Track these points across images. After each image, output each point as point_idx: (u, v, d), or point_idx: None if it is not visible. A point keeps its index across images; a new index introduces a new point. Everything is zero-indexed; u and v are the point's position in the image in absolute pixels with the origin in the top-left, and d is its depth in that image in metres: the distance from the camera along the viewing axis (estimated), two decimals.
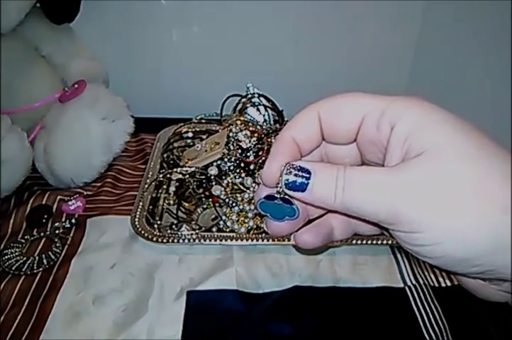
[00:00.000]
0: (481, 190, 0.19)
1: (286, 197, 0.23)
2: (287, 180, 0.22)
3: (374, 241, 0.48)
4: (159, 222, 0.52)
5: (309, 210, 0.26)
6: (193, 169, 0.52)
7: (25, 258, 0.47)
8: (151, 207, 0.54)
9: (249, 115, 0.60)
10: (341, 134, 0.24)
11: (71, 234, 0.51)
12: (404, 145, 0.21)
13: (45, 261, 0.47)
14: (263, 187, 0.24)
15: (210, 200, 0.54)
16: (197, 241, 0.48)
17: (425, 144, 0.20)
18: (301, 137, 0.24)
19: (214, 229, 0.50)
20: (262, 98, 0.60)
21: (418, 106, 0.21)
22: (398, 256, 0.50)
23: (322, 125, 0.24)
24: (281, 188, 0.22)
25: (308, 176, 0.22)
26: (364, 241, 0.48)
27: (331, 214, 0.26)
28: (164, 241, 0.48)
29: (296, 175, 0.22)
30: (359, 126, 0.23)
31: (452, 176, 0.19)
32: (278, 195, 0.23)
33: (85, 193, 0.57)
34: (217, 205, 0.52)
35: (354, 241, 0.48)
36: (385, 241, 0.48)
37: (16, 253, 0.48)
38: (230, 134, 0.54)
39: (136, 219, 0.50)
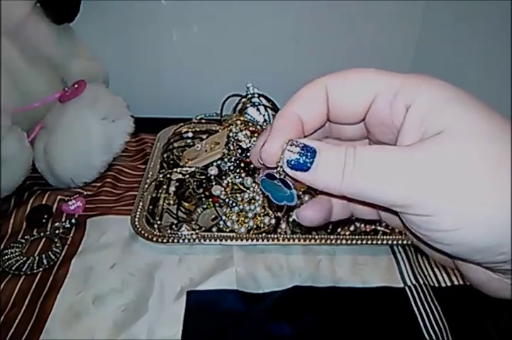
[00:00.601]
0: (502, 171, 0.18)
1: (286, 179, 0.21)
2: (289, 157, 0.20)
3: (374, 241, 0.48)
4: (159, 222, 0.52)
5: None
6: (193, 169, 0.52)
7: (25, 258, 0.47)
8: (151, 207, 0.54)
9: (249, 115, 0.60)
10: (349, 113, 0.22)
11: (71, 234, 0.51)
12: (421, 126, 0.19)
13: (45, 261, 0.47)
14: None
15: (210, 200, 0.54)
16: (197, 241, 0.48)
17: (443, 124, 0.19)
18: (306, 114, 0.22)
19: (214, 229, 0.50)
20: (262, 98, 0.60)
21: (431, 85, 0.20)
22: (398, 256, 0.50)
23: (329, 102, 0.22)
24: (281, 167, 0.21)
25: (313, 154, 0.20)
26: (364, 241, 0.48)
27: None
28: (164, 241, 0.48)
29: (299, 153, 0.20)
30: (370, 105, 0.21)
31: (471, 156, 0.18)
32: (278, 176, 0.21)
33: (85, 193, 0.57)
34: (217, 205, 0.52)
35: (354, 241, 0.48)
36: (385, 241, 0.48)
37: (16, 253, 0.48)
38: (230, 134, 0.54)
39: (136, 219, 0.50)
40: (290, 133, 0.21)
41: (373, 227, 0.51)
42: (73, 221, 0.52)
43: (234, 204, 0.50)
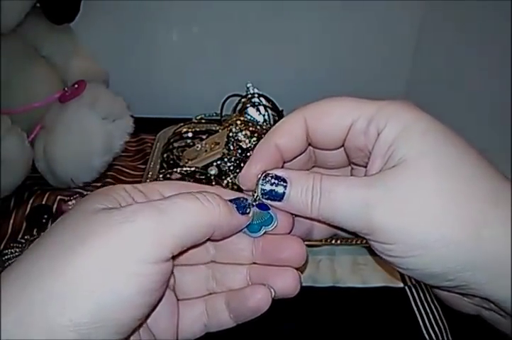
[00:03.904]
0: (454, 205, 0.19)
1: (263, 202, 0.23)
2: (264, 189, 0.22)
3: None
4: None
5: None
6: (193, 169, 0.52)
7: None
8: None
9: (249, 115, 0.60)
10: (328, 140, 0.23)
11: None
12: (386, 153, 0.21)
13: None
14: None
15: None
16: None
17: (405, 155, 0.20)
18: (285, 144, 0.23)
19: None
20: (262, 98, 0.60)
21: (405, 113, 0.21)
22: None
23: (308, 130, 0.23)
24: (257, 196, 0.22)
25: (285, 184, 0.22)
26: (364, 241, 0.48)
27: None
28: None
29: (272, 184, 0.22)
30: (347, 132, 0.22)
31: (425, 190, 0.19)
32: (254, 203, 0.23)
33: (85, 193, 0.57)
34: None
35: (354, 241, 0.48)
36: None
37: (16, 253, 0.48)
38: (230, 134, 0.54)
39: None
40: (266, 163, 0.23)
41: None
42: None
43: None
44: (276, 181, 0.22)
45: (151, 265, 0.18)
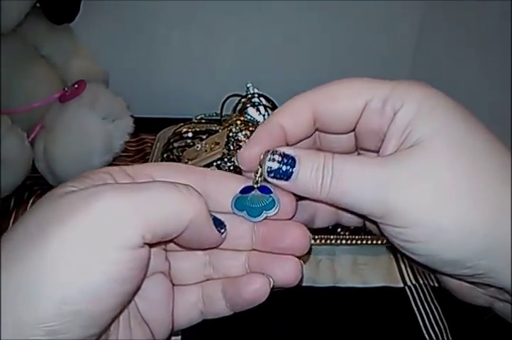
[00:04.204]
0: (473, 187, 0.18)
1: (265, 184, 0.21)
2: (270, 167, 0.20)
3: (374, 241, 0.48)
4: None
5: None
6: None
7: None
8: None
9: (249, 115, 0.60)
10: (339, 124, 0.22)
11: None
12: (403, 134, 0.20)
13: None
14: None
15: None
16: None
17: (423, 135, 0.19)
18: (290, 126, 0.22)
19: None
20: (262, 98, 0.60)
21: (420, 92, 0.20)
22: (398, 256, 0.50)
23: (317, 114, 0.22)
24: (261, 177, 0.21)
25: (292, 163, 0.20)
26: (364, 241, 0.48)
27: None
28: None
29: (279, 162, 0.20)
30: (360, 114, 0.21)
31: (443, 171, 0.18)
32: (256, 186, 0.22)
33: None
34: None
35: (354, 241, 0.48)
36: (385, 241, 0.48)
37: None
38: (230, 134, 0.54)
39: None
40: (270, 143, 0.21)
41: None
42: None
43: None
44: (285, 159, 0.20)
45: (121, 251, 0.17)
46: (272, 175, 0.21)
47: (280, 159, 0.20)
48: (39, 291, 0.16)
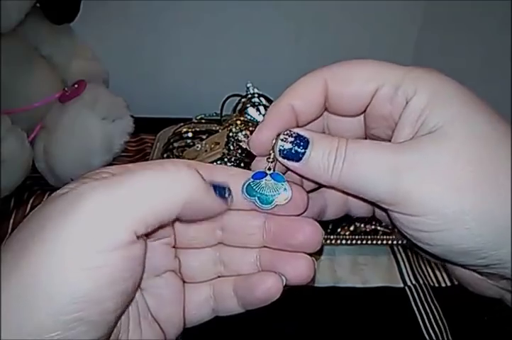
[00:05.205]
0: (491, 175, 0.18)
1: (278, 172, 0.21)
2: (282, 146, 0.20)
3: (374, 241, 0.48)
4: None
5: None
6: None
7: None
8: None
9: (249, 115, 0.60)
10: (349, 105, 0.21)
11: None
12: (418, 121, 0.19)
13: None
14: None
15: None
16: None
17: (438, 122, 0.18)
18: (301, 106, 0.21)
19: None
20: (262, 98, 0.60)
21: (432, 79, 0.20)
22: (398, 256, 0.50)
23: (328, 94, 0.21)
24: (273, 162, 0.21)
25: (305, 144, 0.20)
26: (364, 241, 0.48)
27: (327, 191, 0.23)
28: None
29: (292, 142, 0.20)
30: (372, 97, 0.21)
31: (461, 158, 0.18)
32: (269, 172, 0.21)
33: None
34: None
35: (354, 241, 0.48)
36: (385, 241, 0.48)
37: None
38: (230, 134, 0.54)
39: None
40: (282, 125, 0.21)
41: (373, 227, 0.51)
42: None
43: None
44: (298, 140, 0.20)
45: (108, 253, 0.16)
46: (284, 155, 0.20)
47: (293, 140, 0.20)
48: (33, 304, 0.16)
